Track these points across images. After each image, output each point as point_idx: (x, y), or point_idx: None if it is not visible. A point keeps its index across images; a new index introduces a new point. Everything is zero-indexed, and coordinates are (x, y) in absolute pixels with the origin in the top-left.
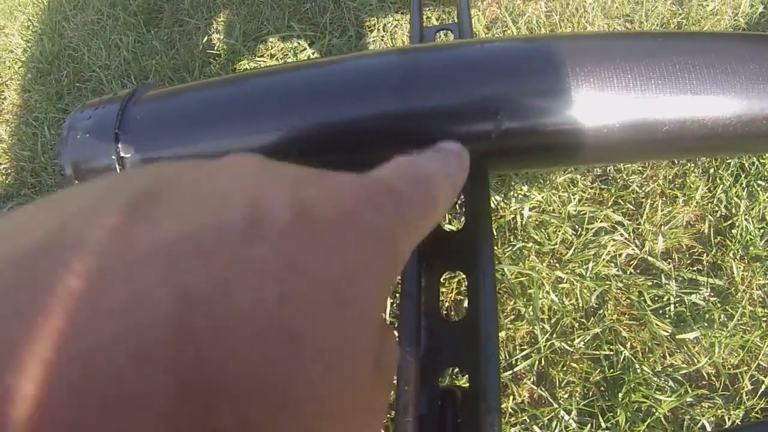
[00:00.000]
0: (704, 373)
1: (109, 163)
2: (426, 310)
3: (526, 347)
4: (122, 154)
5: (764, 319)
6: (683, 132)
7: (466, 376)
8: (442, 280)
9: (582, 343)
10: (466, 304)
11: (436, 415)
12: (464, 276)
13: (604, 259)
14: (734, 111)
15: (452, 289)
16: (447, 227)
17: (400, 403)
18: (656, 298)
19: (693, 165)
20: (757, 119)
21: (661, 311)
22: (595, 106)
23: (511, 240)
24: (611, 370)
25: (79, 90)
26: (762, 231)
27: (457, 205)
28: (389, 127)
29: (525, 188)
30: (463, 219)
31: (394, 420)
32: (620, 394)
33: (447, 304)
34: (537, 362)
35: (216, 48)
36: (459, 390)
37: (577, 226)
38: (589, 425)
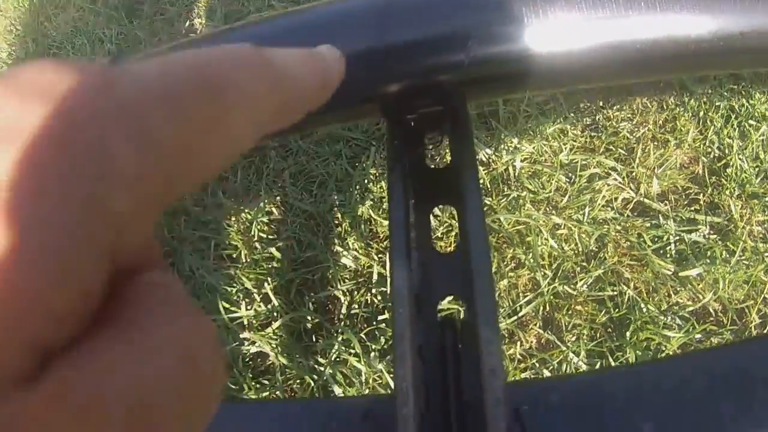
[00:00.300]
0: (711, 310)
1: None
2: (418, 244)
3: (529, 294)
4: None
5: (766, 254)
6: (656, 50)
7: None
8: (440, 235)
9: (585, 286)
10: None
11: (436, 343)
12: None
13: (600, 204)
14: (708, 28)
15: (450, 243)
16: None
17: (397, 332)
18: (656, 239)
19: (682, 109)
20: (733, 35)
21: (661, 251)
22: (566, 27)
23: (505, 190)
24: (617, 311)
25: None
26: (757, 169)
27: (439, 141)
28: (369, 66)
29: (515, 140)
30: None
31: (393, 349)
32: (628, 334)
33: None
34: (541, 307)
35: (198, 32)
36: (458, 321)
37: (570, 174)
38: (599, 365)
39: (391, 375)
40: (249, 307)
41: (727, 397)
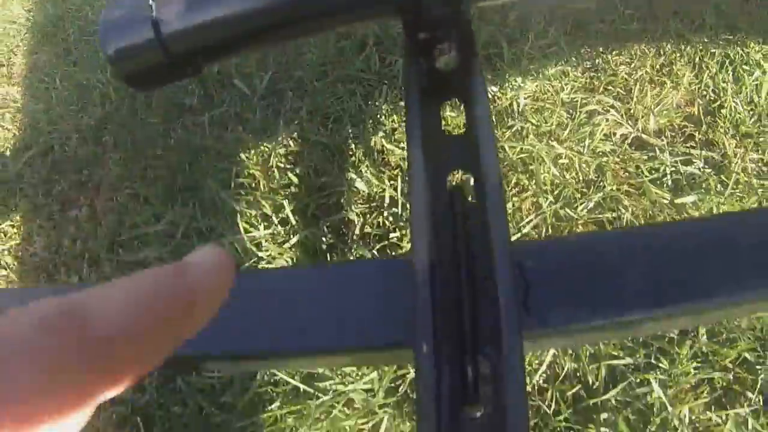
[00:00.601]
0: None
1: (148, 37)
2: (429, 130)
3: (532, 216)
4: (160, 28)
5: (760, 189)
6: None
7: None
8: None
9: (585, 210)
10: None
11: (447, 206)
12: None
13: (599, 137)
14: None
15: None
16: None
17: (413, 188)
18: (653, 170)
19: (678, 55)
20: None
21: (658, 181)
22: None
23: (509, 122)
24: None
25: (87, 42)
26: (751, 112)
27: (447, 51)
28: None
29: (519, 80)
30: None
31: (409, 207)
32: None
33: None
34: (543, 228)
35: None
36: (466, 190)
37: (571, 110)
38: None
39: None
40: (267, 229)
41: (714, 260)
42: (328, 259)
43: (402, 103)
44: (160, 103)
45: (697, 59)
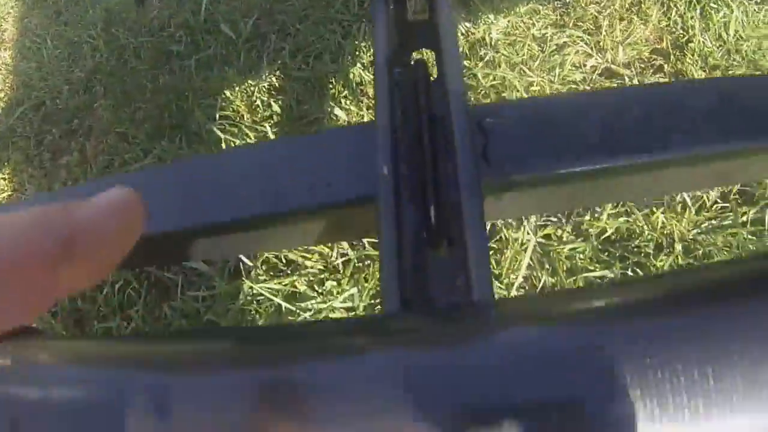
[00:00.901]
0: None
1: None
2: (393, 15)
3: None
4: None
5: None
6: None
7: None
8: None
9: None
10: None
11: (410, 77)
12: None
13: (569, 67)
14: None
15: None
16: None
17: (376, 70)
18: None
19: None
20: None
21: None
22: None
23: (481, 52)
24: None
25: (76, 3)
26: (720, 48)
27: None
28: None
29: (491, 16)
30: None
31: (374, 75)
32: None
33: None
34: None
35: None
36: (428, 64)
37: (542, 44)
38: None
39: None
40: None
41: (669, 119)
42: None
43: None
44: (149, 52)
45: None
